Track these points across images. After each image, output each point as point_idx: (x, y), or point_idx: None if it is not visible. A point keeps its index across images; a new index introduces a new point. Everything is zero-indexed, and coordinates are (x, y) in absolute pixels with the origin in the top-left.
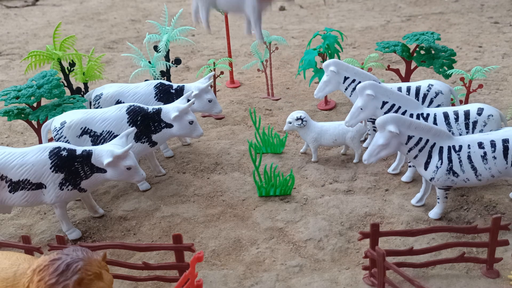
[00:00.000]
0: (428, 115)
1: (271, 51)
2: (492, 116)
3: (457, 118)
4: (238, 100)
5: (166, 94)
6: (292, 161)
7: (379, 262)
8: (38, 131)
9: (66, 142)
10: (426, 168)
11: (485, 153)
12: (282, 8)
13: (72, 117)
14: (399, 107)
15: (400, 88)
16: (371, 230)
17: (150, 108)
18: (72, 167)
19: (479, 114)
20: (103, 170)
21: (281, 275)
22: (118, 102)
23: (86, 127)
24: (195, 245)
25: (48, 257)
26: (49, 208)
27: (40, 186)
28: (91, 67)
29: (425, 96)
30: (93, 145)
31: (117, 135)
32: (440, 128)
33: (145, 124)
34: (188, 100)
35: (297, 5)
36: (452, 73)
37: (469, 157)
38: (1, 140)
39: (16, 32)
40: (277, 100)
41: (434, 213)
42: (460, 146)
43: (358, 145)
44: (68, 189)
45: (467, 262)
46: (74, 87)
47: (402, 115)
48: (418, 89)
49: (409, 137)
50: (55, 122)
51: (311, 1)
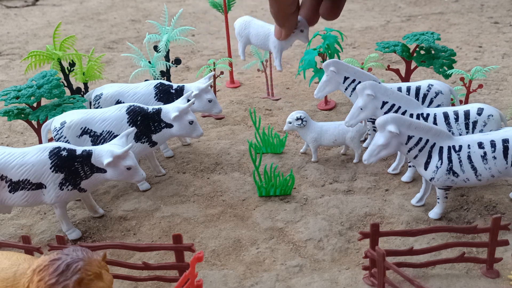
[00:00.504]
0: (428, 115)
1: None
2: (492, 116)
3: (457, 118)
4: (238, 100)
5: (166, 94)
6: (292, 161)
7: (379, 262)
8: (38, 131)
9: (66, 142)
10: (426, 168)
11: (485, 153)
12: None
13: (72, 117)
14: (399, 107)
15: (400, 88)
16: (371, 230)
17: (150, 108)
18: (72, 167)
19: (479, 114)
20: (103, 170)
21: (281, 275)
22: (118, 102)
23: (86, 127)
24: (195, 245)
25: (48, 257)
26: (49, 208)
27: (40, 186)
28: (91, 67)
29: (425, 96)
30: (93, 145)
31: (117, 135)
32: (440, 128)
33: (145, 124)
34: (188, 100)
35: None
36: (452, 73)
37: (469, 157)
38: (1, 140)
39: (16, 32)
40: (277, 100)
41: (434, 213)
42: (460, 146)
43: (358, 145)
44: (68, 189)
45: (467, 262)
46: (74, 87)
47: (402, 115)
48: (418, 89)
49: (409, 137)
50: (55, 122)
51: None
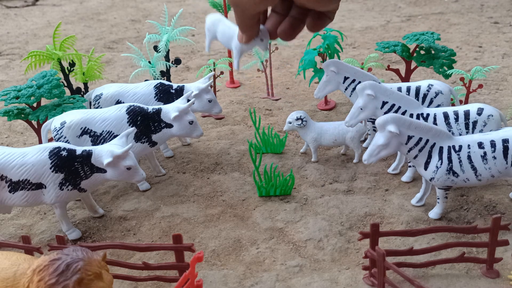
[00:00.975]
0: (428, 115)
1: (271, 51)
2: (492, 116)
3: (457, 118)
4: (238, 100)
5: (166, 94)
6: (292, 161)
7: (379, 262)
8: (38, 131)
9: (66, 142)
10: (426, 168)
11: (485, 153)
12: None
13: (72, 117)
14: (399, 107)
15: (400, 88)
16: (371, 230)
17: (150, 108)
18: (72, 167)
19: (479, 114)
20: (103, 170)
21: (281, 275)
22: (118, 102)
23: (86, 127)
24: (195, 245)
25: (48, 257)
26: (49, 208)
27: (40, 186)
28: (91, 67)
29: (425, 96)
30: (93, 145)
31: (117, 135)
32: (440, 128)
33: (145, 124)
34: (188, 100)
35: None
36: (452, 73)
37: (469, 157)
38: (1, 140)
39: (16, 32)
40: (277, 100)
41: (434, 213)
42: (460, 146)
43: (358, 145)
44: (68, 189)
45: (467, 262)
46: (74, 87)
47: (402, 115)
48: (418, 89)
49: (409, 137)
50: (55, 122)
51: None
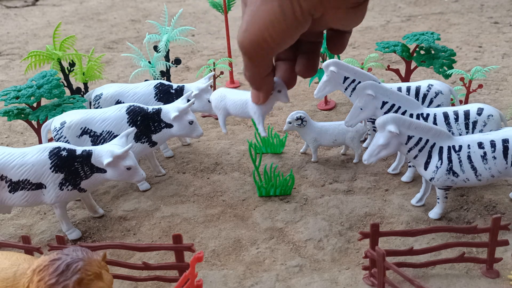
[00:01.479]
0: (428, 115)
1: None
2: (492, 116)
3: (457, 118)
4: None
5: (166, 94)
6: (292, 161)
7: (379, 262)
8: (38, 131)
9: (66, 142)
10: (426, 168)
11: (485, 153)
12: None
13: (72, 117)
14: (399, 107)
15: (400, 88)
16: (371, 230)
17: (150, 108)
18: (72, 167)
19: (479, 114)
20: (103, 170)
21: (281, 275)
22: (118, 102)
23: (86, 127)
24: (195, 245)
25: (48, 257)
26: (49, 208)
27: (40, 186)
28: (91, 67)
29: (425, 96)
30: (93, 145)
31: (117, 135)
32: (440, 128)
33: (145, 124)
34: (188, 100)
35: None
36: (452, 73)
37: (469, 157)
38: (1, 140)
39: (16, 32)
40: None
41: (434, 213)
42: (460, 146)
43: (358, 145)
44: (68, 189)
45: (467, 262)
46: (74, 87)
47: (402, 115)
48: (418, 89)
49: (409, 137)
50: (55, 122)
51: None
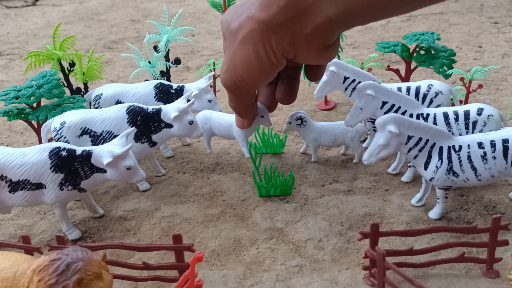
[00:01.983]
0: (428, 115)
1: None
2: (492, 116)
3: (457, 118)
4: None
5: (166, 94)
6: (292, 161)
7: (379, 262)
8: (38, 131)
9: (66, 142)
10: (426, 168)
11: (485, 153)
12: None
13: (72, 117)
14: (399, 107)
15: (400, 88)
16: (371, 230)
17: (150, 108)
18: (72, 167)
19: (479, 114)
20: (103, 170)
21: (281, 275)
22: (118, 102)
23: (86, 127)
24: (195, 245)
25: (48, 257)
26: (49, 208)
27: (40, 186)
28: (91, 67)
29: (425, 96)
30: (93, 145)
31: (117, 135)
32: (440, 128)
33: (145, 124)
34: (188, 100)
35: None
36: (452, 73)
37: (469, 157)
38: (1, 140)
39: (16, 32)
40: None
41: (434, 213)
42: (460, 146)
43: (358, 145)
44: (68, 189)
45: (467, 262)
46: (74, 87)
47: (402, 115)
48: (418, 89)
49: (409, 137)
50: (55, 122)
51: None
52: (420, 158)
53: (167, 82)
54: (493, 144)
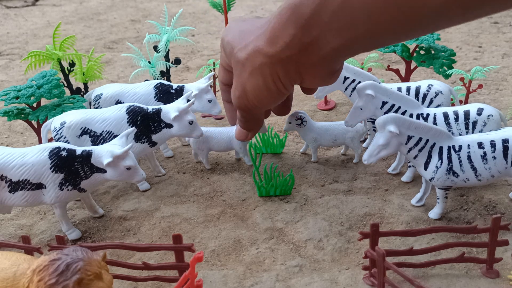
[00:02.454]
0: (428, 115)
1: None
2: (492, 116)
3: (457, 118)
4: None
5: (166, 94)
6: (292, 161)
7: (379, 262)
8: (38, 131)
9: (66, 142)
10: (426, 168)
11: (485, 153)
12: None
13: (72, 117)
14: (399, 107)
15: (400, 88)
16: (371, 230)
17: (150, 108)
18: (72, 167)
19: (479, 114)
20: (103, 170)
21: (281, 275)
22: (118, 102)
23: (86, 127)
24: (195, 245)
25: (48, 257)
26: (49, 208)
27: (40, 186)
28: (91, 67)
29: (425, 96)
30: (93, 145)
31: (117, 135)
32: (440, 128)
33: (145, 124)
34: (188, 100)
35: None
36: (452, 73)
37: (469, 157)
38: (1, 140)
39: (16, 32)
40: None
41: (434, 213)
42: (460, 146)
43: (358, 145)
44: (68, 189)
45: (467, 262)
46: (74, 87)
47: (402, 115)
48: (418, 89)
49: (409, 137)
50: (55, 122)
51: None
52: (420, 158)
53: (167, 82)
54: (493, 144)
